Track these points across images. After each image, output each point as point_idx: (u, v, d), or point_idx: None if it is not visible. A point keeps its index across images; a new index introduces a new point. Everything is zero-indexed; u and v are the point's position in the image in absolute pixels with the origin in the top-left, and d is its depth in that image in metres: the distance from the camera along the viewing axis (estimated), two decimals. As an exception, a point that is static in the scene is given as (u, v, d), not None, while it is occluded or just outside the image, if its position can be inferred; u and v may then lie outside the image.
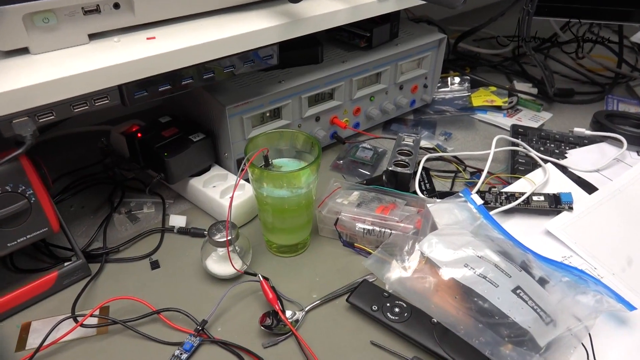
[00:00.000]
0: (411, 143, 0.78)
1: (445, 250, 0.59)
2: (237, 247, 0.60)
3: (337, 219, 0.65)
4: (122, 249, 0.66)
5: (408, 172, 0.72)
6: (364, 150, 0.84)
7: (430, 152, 0.84)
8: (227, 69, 0.61)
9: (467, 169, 0.81)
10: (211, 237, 0.58)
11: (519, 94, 1.01)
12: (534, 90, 1.02)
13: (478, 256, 0.58)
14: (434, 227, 0.64)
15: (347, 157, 0.83)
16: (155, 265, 0.63)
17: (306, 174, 0.56)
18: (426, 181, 0.78)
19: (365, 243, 0.65)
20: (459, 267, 0.57)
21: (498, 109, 0.98)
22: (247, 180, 0.65)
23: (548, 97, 1.00)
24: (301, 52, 0.77)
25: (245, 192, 0.69)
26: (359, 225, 0.64)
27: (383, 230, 0.64)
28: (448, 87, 1.01)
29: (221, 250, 0.59)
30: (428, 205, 0.66)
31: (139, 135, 0.71)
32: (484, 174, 0.74)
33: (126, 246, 0.66)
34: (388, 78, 0.85)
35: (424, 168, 0.78)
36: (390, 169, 0.72)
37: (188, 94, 0.68)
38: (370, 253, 0.64)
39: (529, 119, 0.96)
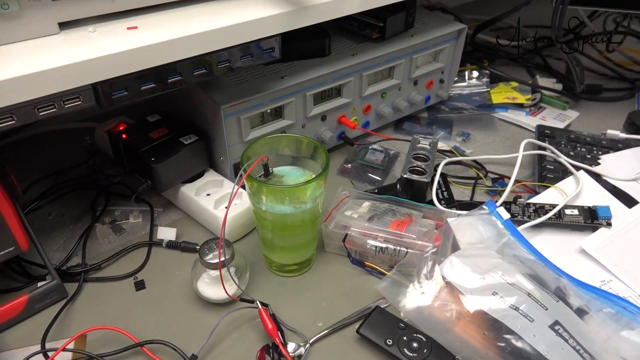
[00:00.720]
0: (427, 146, 0.71)
1: (470, 275, 0.52)
2: (231, 269, 0.53)
3: (346, 234, 0.58)
4: (103, 265, 0.58)
5: (425, 180, 0.64)
6: (374, 153, 0.77)
7: (447, 156, 0.76)
8: (222, 63, 0.53)
9: (489, 175, 0.74)
10: (203, 258, 0.51)
11: (543, 91, 0.92)
12: (559, 86, 0.94)
13: (509, 283, 0.51)
14: (455, 245, 0.57)
15: (356, 160, 0.75)
16: (140, 285, 0.56)
17: (312, 188, 0.49)
18: (443, 189, 0.70)
19: (377, 262, 0.58)
20: (486, 295, 0.50)
21: (520, 106, 0.90)
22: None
23: (574, 93, 0.92)
24: (306, 44, 0.69)
25: (242, 202, 0.61)
26: (371, 243, 0.57)
27: (398, 248, 0.56)
28: (465, 82, 0.93)
29: (214, 272, 0.52)
30: (449, 220, 0.59)
31: (124, 136, 0.63)
32: (511, 182, 0.66)
33: (108, 262, 0.59)
34: (402, 73, 0.77)
35: (440, 174, 0.70)
36: (405, 176, 0.64)
37: (179, 91, 0.60)
38: (382, 273, 0.57)
39: (553, 118, 0.88)
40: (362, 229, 0.58)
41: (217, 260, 0.51)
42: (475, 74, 0.93)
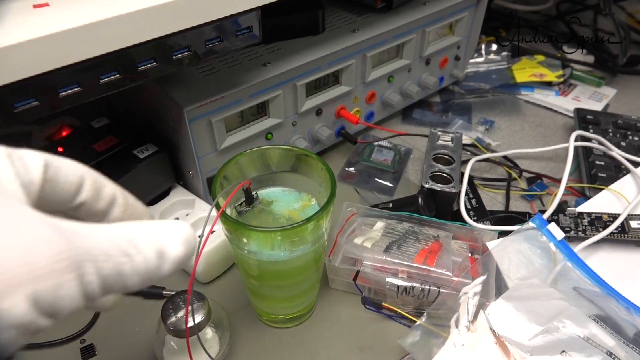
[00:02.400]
0: (449, 143, 0.57)
1: (528, 327, 0.39)
2: (207, 331, 0.39)
3: (357, 272, 0.44)
4: (40, 324, 0.44)
5: (453, 190, 0.50)
6: (381, 151, 0.62)
7: (471, 151, 0.63)
8: (181, 52, 0.38)
9: (523, 174, 0.60)
10: (166, 321, 0.37)
11: (573, 65, 0.78)
12: (590, 59, 0.80)
13: (581, 337, 0.38)
14: (499, 279, 0.44)
15: (360, 162, 0.61)
16: (88, 352, 0.42)
17: (315, 225, 0.35)
18: (471, 196, 0.57)
19: (399, 303, 0.45)
20: (554, 355, 0.37)
21: (547, 85, 0.76)
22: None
23: (609, 67, 0.78)
24: (294, 19, 0.54)
25: (220, 231, 0.47)
26: (391, 281, 0.43)
27: (427, 287, 0.43)
28: (482, 57, 0.78)
29: (183, 339, 0.39)
30: (488, 244, 0.46)
31: (60, 149, 0.48)
32: (562, 186, 0.53)
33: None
34: (412, 50, 0.63)
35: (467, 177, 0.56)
36: (426, 186, 0.51)
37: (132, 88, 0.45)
38: (405, 317, 0.44)
39: (588, 97, 0.74)
40: (378, 262, 0.44)
41: (185, 326, 0.37)
42: (493, 47, 0.78)
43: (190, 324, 0.37)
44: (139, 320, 0.45)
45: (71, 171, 0.21)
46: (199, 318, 0.37)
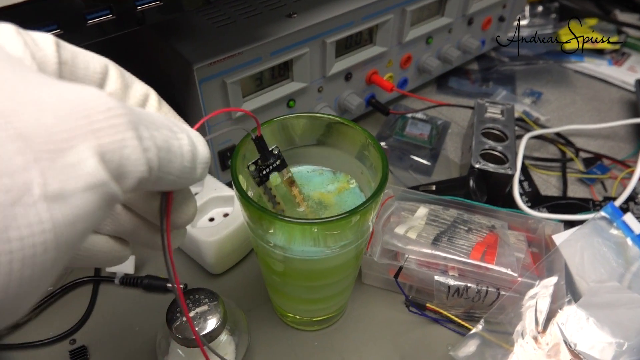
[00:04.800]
0: (499, 116, 0.49)
1: (611, 342, 0.32)
2: (222, 337, 0.32)
3: (400, 268, 0.37)
4: (23, 321, 0.37)
5: (509, 171, 0.43)
6: (416, 124, 0.55)
7: (520, 126, 0.55)
8: (191, -10, 0.30)
9: (580, 154, 0.53)
10: (172, 328, 0.30)
11: (627, 30, 0.70)
12: (645, 24, 0.71)
13: (680, 358, 0.31)
14: (569, 279, 0.37)
15: (393, 137, 0.53)
16: (79, 356, 0.36)
17: (361, 217, 0.27)
18: (522, 178, 0.49)
19: (448, 305, 0.38)
20: (645, 380, 0.30)
21: (598, 53, 0.68)
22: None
23: (668, 34, 0.70)
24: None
25: (235, 214, 0.40)
26: (441, 280, 0.36)
27: (484, 289, 0.36)
28: (526, 19, 0.69)
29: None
30: (555, 238, 0.38)
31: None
32: (638, 172, 0.45)
33: (31, 316, 0.38)
34: (456, 7, 0.54)
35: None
36: (477, 167, 0.43)
37: (129, 39, 0.37)
38: (451, 320, 0.37)
39: (645, 67, 0.66)
40: (424, 257, 0.37)
41: (195, 334, 0.30)
42: (539, 8, 0.69)
43: (202, 331, 0.30)
44: (140, 317, 0.38)
45: (92, 59, 0.18)
46: (212, 324, 0.30)
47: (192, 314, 0.31)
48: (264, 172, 0.29)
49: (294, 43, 0.42)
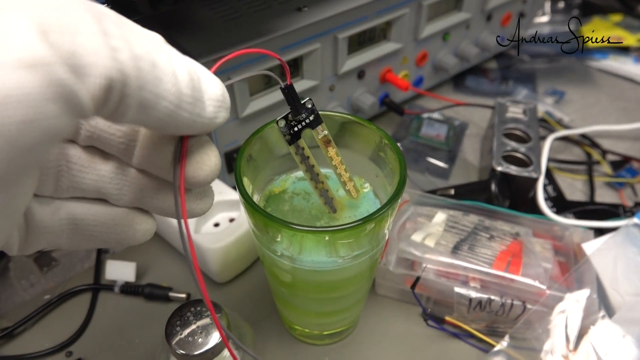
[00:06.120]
0: (521, 116, 0.46)
1: (653, 363, 0.29)
2: (224, 357, 0.30)
3: (417, 278, 0.34)
4: (18, 331, 0.36)
5: (533, 175, 0.40)
6: (432, 125, 0.52)
7: (544, 126, 0.52)
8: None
9: (607, 156, 0.50)
10: (171, 342, 0.28)
11: (655, 27, 0.66)
12: (673, 21, 0.68)
13: None
14: (601, 291, 0.34)
15: (408, 138, 0.51)
16: (75, 369, 0.34)
17: (377, 225, 0.25)
18: (546, 182, 0.46)
19: (468, 318, 0.35)
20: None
21: (623, 50, 0.65)
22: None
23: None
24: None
25: (240, 220, 0.38)
26: (461, 292, 0.34)
27: (509, 302, 0.33)
28: (547, 15, 0.67)
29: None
30: (585, 247, 0.35)
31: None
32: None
33: (26, 326, 0.36)
34: (473, 2, 0.51)
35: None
36: (499, 169, 0.40)
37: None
38: (472, 335, 0.34)
39: (673, 66, 0.63)
40: (444, 266, 0.34)
41: (198, 349, 0.28)
42: (560, 4, 0.66)
43: (204, 347, 0.28)
44: (140, 330, 0.36)
45: None
46: (215, 338, 0.28)
47: (193, 328, 0.29)
48: (295, 128, 0.25)
49: (304, 38, 0.39)
